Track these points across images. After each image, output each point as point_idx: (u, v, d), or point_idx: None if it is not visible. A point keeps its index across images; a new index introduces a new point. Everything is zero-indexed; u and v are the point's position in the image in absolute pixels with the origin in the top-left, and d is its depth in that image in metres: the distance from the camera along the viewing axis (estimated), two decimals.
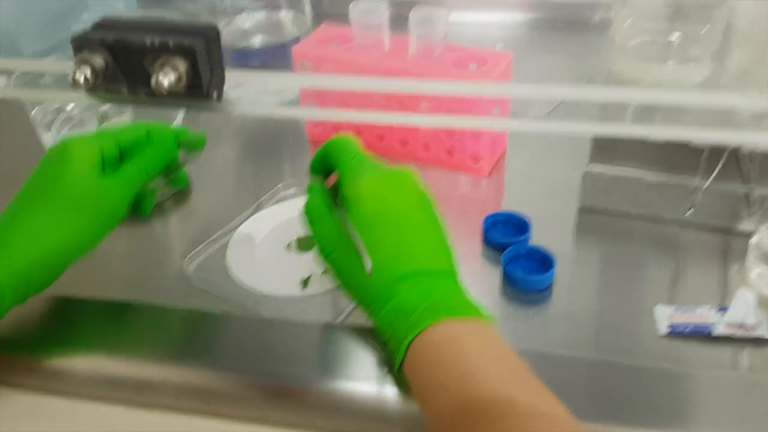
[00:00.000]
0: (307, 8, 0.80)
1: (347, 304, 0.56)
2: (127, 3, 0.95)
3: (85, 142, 0.45)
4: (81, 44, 0.30)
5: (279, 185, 0.68)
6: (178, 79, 0.29)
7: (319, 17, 0.81)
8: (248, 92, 0.80)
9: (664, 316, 0.52)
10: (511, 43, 0.91)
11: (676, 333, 0.51)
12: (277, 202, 0.67)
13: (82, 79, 0.29)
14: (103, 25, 0.31)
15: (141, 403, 0.50)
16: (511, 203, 0.66)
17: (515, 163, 0.71)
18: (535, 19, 0.97)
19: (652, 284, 0.56)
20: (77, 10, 0.90)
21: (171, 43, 0.29)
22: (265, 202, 0.66)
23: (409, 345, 0.40)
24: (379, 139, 0.71)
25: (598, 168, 0.65)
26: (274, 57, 0.78)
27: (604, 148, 0.66)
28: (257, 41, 0.80)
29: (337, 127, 0.73)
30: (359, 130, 0.72)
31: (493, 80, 0.63)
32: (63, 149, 0.45)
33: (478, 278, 0.58)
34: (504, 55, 0.65)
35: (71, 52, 0.77)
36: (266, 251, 0.61)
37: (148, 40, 0.29)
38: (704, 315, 0.52)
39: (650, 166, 0.64)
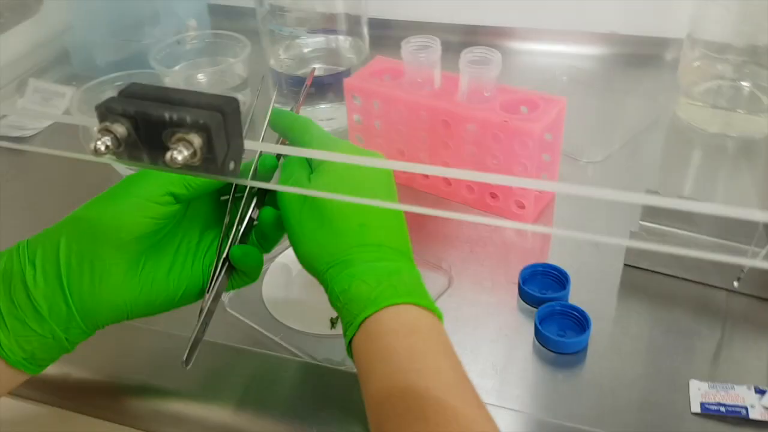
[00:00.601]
0: (366, 35, 0.80)
1: None
2: (199, 20, 0.97)
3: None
4: (104, 113, 0.31)
5: None
6: (193, 154, 0.29)
7: (380, 42, 0.81)
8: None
9: (698, 393, 0.50)
10: (576, 77, 0.88)
11: (710, 412, 0.49)
12: None
13: (103, 148, 0.30)
14: (128, 94, 0.31)
15: None
16: (555, 254, 0.65)
17: (563, 211, 0.69)
18: (605, 54, 0.94)
19: (692, 355, 0.54)
20: (149, 24, 0.93)
21: (188, 119, 0.29)
22: None
23: (363, 320, 0.40)
24: (423, 176, 0.71)
25: (648, 225, 0.63)
26: (330, 84, 0.78)
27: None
28: (314, 68, 0.81)
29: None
30: None
31: (543, 126, 0.61)
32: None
33: (510, 333, 0.57)
34: (557, 100, 0.64)
35: (135, 68, 0.80)
36: (301, 284, 0.62)
37: (167, 115, 0.30)
38: (741, 395, 0.49)
39: (703, 228, 0.61)
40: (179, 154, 0.29)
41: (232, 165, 0.31)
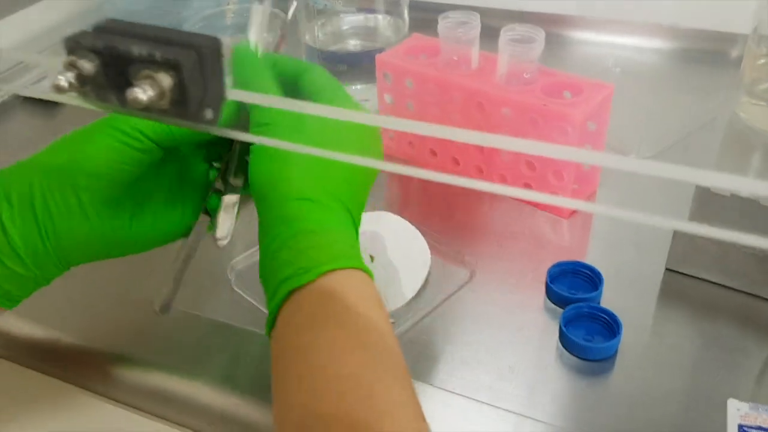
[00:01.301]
0: (406, 16, 0.76)
1: None
2: None
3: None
4: (73, 47, 0.28)
5: None
6: (161, 95, 0.26)
7: (423, 24, 0.77)
8: None
9: (736, 413, 0.44)
10: (631, 70, 0.83)
11: None
12: None
13: (66, 85, 0.27)
14: (102, 28, 0.28)
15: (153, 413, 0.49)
16: (592, 252, 0.59)
17: (606, 203, 0.64)
18: (664, 48, 0.88)
19: (733, 372, 0.48)
20: None
21: (158, 55, 0.26)
22: None
23: (332, 270, 0.35)
24: (454, 162, 0.66)
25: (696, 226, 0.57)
26: (365, 62, 0.74)
27: (709, 203, 0.57)
28: (351, 45, 0.77)
29: (412, 142, 0.69)
30: (434, 152, 0.67)
31: (585, 112, 0.56)
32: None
33: (533, 335, 0.52)
34: (603, 85, 0.59)
35: None
36: None
37: (135, 50, 0.27)
38: None
39: (758, 232, 0.55)
40: (143, 94, 0.26)
41: (210, 113, 0.28)
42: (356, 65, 0.75)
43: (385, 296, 0.55)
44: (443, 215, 0.64)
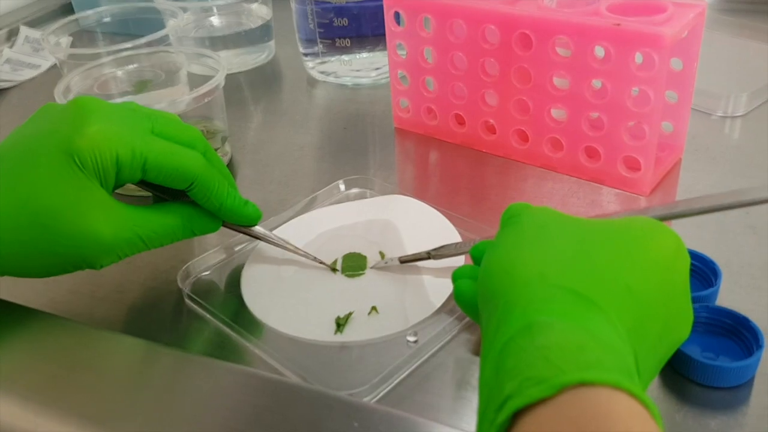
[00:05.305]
0: None
1: (396, 370, 0.35)
2: None
3: (110, 139, 0.32)
4: None
5: (339, 181, 0.48)
6: None
7: None
8: (342, 68, 0.63)
9: None
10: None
11: None
12: (334, 203, 0.48)
13: None
14: None
15: None
16: (686, 240, 0.43)
17: (694, 177, 0.48)
18: None
19: None
20: None
21: None
22: (317, 201, 0.47)
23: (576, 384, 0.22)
24: (488, 130, 0.50)
25: None
26: (367, 13, 0.59)
27: None
28: None
29: (431, 112, 0.53)
30: (460, 118, 0.51)
31: (677, 31, 0.40)
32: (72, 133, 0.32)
33: None
34: (692, 4, 0.42)
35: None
36: (298, 269, 0.42)
37: None
38: None
39: None
40: None
41: None
42: (359, 21, 0.59)
43: (403, 306, 0.38)
44: (474, 197, 0.48)
